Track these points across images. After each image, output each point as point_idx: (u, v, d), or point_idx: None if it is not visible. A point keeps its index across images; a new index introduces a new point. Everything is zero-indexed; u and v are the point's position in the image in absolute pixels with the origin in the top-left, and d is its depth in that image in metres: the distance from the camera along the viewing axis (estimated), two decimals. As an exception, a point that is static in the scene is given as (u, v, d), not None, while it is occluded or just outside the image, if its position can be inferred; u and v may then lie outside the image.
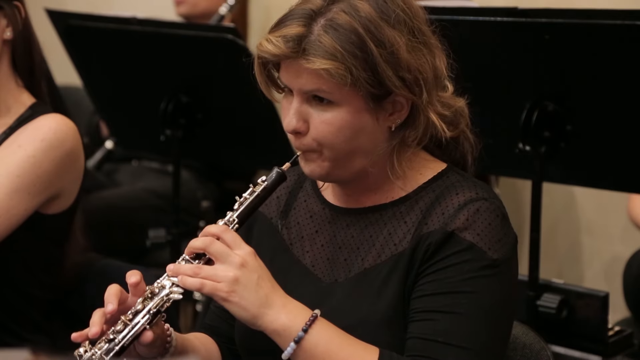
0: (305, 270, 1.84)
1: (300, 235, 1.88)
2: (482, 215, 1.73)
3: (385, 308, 1.73)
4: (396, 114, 1.77)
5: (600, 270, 4.07)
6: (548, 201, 3.03)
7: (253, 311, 1.66)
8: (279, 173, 1.79)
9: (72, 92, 4.52)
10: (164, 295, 1.71)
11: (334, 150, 1.75)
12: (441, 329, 1.68)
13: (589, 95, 2.57)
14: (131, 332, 1.69)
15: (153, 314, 1.70)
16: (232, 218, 1.76)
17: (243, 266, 1.67)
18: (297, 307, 1.69)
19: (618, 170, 2.65)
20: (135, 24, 3.23)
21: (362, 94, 1.71)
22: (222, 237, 1.70)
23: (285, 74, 1.76)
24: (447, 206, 1.75)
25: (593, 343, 2.71)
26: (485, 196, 1.76)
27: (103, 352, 1.68)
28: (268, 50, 1.73)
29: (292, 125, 1.76)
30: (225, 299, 1.66)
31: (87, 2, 4.98)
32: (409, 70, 1.72)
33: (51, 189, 2.25)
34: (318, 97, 1.73)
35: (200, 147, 3.32)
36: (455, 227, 1.72)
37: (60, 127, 2.27)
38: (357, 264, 1.80)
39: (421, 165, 1.83)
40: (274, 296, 1.68)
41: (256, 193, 1.78)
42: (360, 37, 1.69)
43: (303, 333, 1.66)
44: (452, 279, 1.70)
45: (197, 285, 1.67)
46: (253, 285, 1.66)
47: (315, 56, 1.69)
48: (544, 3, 2.76)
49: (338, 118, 1.73)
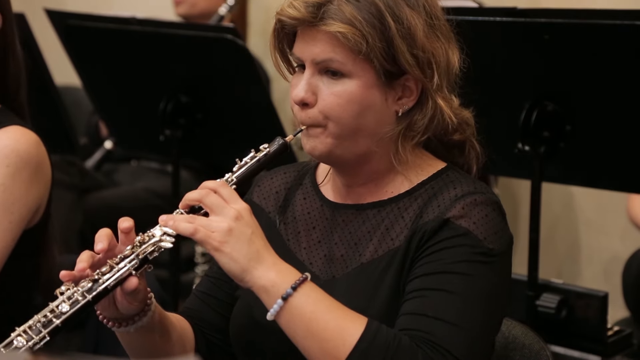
0: (302, 267, 1.83)
1: (297, 231, 1.88)
2: (479, 207, 1.73)
3: (382, 302, 1.73)
4: (405, 99, 1.78)
5: (600, 270, 4.07)
6: (547, 201, 3.03)
7: (243, 264, 1.64)
8: (282, 142, 1.79)
9: (72, 92, 4.53)
10: (153, 242, 1.69)
11: (339, 124, 1.75)
12: (431, 304, 1.67)
13: (589, 95, 2.57)
14: (116, 275, 1.67)
15: (141, 260, 1.68)
16: (231, 178, 1.75)
17: (237, 219, 1.65)
18: (288, 267, 1.68)
19: (617, 170, 2.65)
20: (135, 24, 3.23)
21: (375, 66, 1.73)
22: (219, 191, 1.69)
23: (300, 42, 1.77)
24: (444, 199, 1.76)
25: (592, 343, 2.71)
26: (484, 191, 1.77)
27: (85, 290, 1.66)
28: (288, 13, 1.75)
29: (301, 96, 1.76)
30: (217, 248, 1.64)
31: (86, 2, 4.98)
32: (423, 50, 1.74)
33: (30, 207, 2.19)
34: (330, 70, 1.75)
35: (199, 147, 3.32)
36: (451, 215, 1.72)
37: (21, 145, 2.18)
38: (354, 259, 1.80)
39: (422, 162, 1.83)
40: (266, 253, 1.67)
41: (257, 158, 1.78)
42: (379, 10, 1.72)
43: (292, 290, 1.64)
44: (446, 260, 1.70)
45: (190, 230, 1.65)
46: (246, 238, 1.65)
47: (335, 20, 1.71)
48: (543, 3, 2.76)
49: (348, 91, 1.74)
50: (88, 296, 1.66)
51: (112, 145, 4.26)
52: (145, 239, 1.71)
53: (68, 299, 1.66)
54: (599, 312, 2.70)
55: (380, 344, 1.62)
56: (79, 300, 1.66)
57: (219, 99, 3.19)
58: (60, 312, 1.66)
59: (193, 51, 3.15)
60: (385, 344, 1.62)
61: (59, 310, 1.66)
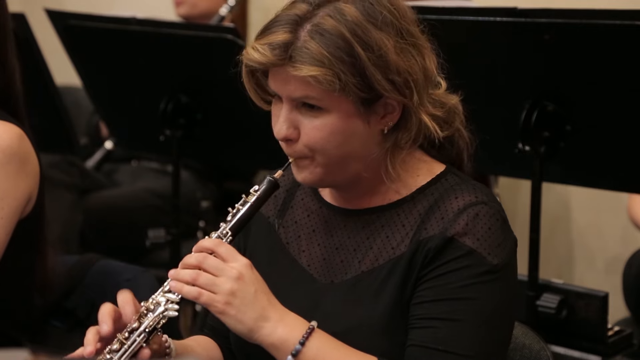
0: (301, 270, 1.83)
1: (297, 235, 1.87)
2: (482, 220, 1.72)
3: (382, 313, 1.73)
4: (388, 116, 1.74)
5: (600, 270, 4.07)
6: (547, 201, 3.03)
7: (250, 324, 1.65)
8: (271, 181, 1.77)
9: (72, 92, 4.53)
10: (159, 312, 1.69)
11: (326, 156, 1.73)
12: (441, 336, 1.67)
13: (589, 95, 2.57)
14: (128, 352, 1.68)
15: (149, 332, 1.69)
16: (225, 231, 1.74)
17: (240, 279, 1.65)
18: (294, 320, 1.68)
19: (617, 170, 2.65)
20: (135, 24, 3.23)
21: (352, 98, 1.69)
22: (216, 251, 1.68)
23: (273, 81, 1.74)
24: (447, 210, 1.74)
25: (593, 343, 2.71)
26: (485, 200, 1.75)
27: None
28: (254, 58, 1.71)
29: (283, 133, 1.74)
30: (222, 311, 1.65)
31: (86, 2, 4.98)
32: (398, 72, 1.69)
33: (20, 200, 2.18)
34: (308, 103, 1.72)
35: (199, 147, 3.31)
36: (455, 232, 1.71)
37: (3, 141, 2.16)
38: (353, 266, 1.79)
39: (417, 167, 1.82)
40: (271, 309, 1.66)
41: (249, 203, 1.76)
42: (347, 41, 1.67)
43: (300, 346, 1.65)
44: (452, 285, 1.69)
45: (194, 293, 1.65)
46: (250, 298, 1.65)
47: (302, 63, 1.67)
48: (543, 3, 2.76)
49: (328, 124, 1.71)
50: None
51: (112, 145, 4.26)
52: (150, 307, 1.70)
53: None
54: (599, 312, 2.69)
55: None
56: None
57: (219, 99, 3.18)
58: None
59: (193, 51, 3.14)
60: None
61: None
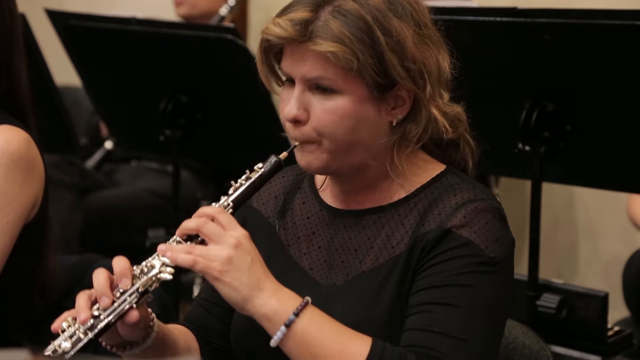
0: (303, 273, 1.83)
1: (297, 237, 1.87)
2: (480, 215, 1.72)
3: (383, 311, 1.72)
4: (398, 108, 1.76)
5: (600, 270, 4.07)
6: (548, 201, 3.03)
7: (244, 293, 1.63)
8: (276, 161, 1.76)
9: (72, 92, 4.53)
10: (153, 275, 1.67)
11: (333, 140, 1.74)
12: (436, 319, 1.66)
13: (589, 95, 2.57)
14: (117, 310, 1.66)
15: (141, 293, 1.67)
16: (227, 202, 1.73)
17: (237, 247, 1.64)
18: (289, 293, 1.66)
19: (618, 170, 2.65)
20: (135, 24, 3.23)
21: (367, 81, 1.70)
22: (217, 218, 1.67)
23: (288, 60, 1.74)
24: (445, 207, 1.74)
25: (592, 343, 2.71)
26: (484, 197, 1.75)
27: (86, 327, 1.65)
28: (275, 32, 1.71)
29: (293, 113, 1.74)
30: (217, 278, 1.63)
31: (87, 2, 4.99)
32: (414, 61, 1.72)
33: (25, 206, 2.18)
34: (320, 87, 1.72)
35: (199, 147, 3.32)
36: (452, 225, 1.71)
37: (11, 146, 2.17)
38: (355, 266, 1.79)
39: (420, 166, 1.82)
40: (266, 280, 1.65)
41: (252, 179, 1.75)
42: (367, 24, 1.69)
43: (294, 317, 1.63)
44: (448, 272, 1.69)
45: (190, 261, 1.63)
46: (246, 267, 1.63)
47: (323, 39, 1.68)
48: (543, 3, 2.76)
49: (340, 107, 1.72)
50: (90, 334, 1.65)
51: (112, 145, 4.26)
52: (144, 269, 1.69)
53: (70, 337, 1.66)
54: (599, 312, 2.69)
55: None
56: (80, 338, 1.65)
57: (219, 99, 3.19)
58: (62, 351, 1.65)
59: (193, 51, 3.15)
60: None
61: (60, 350, 1.65)
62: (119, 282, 1.68)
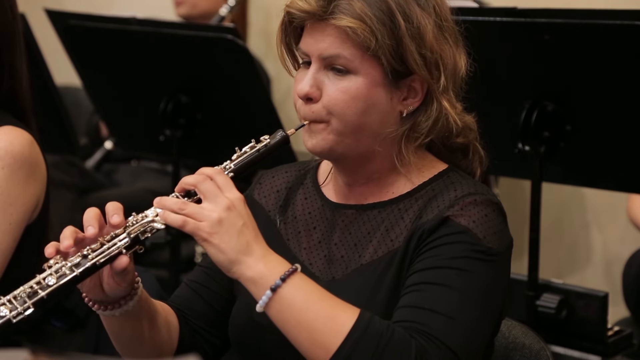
0: (302, 268, 1.83)
1: (298, 231, 1.87)
2: (479, 206, 1.73)
3: (382, 304, 1.73)
4: (410, 99, 1.77)
5: (600, 270, 4.07)
6: (548, 201, 3.03)
7: (231, 256, 1.63)
8: (284, 135, 1.77)
9: (72, 92, 4.53)
10: (145, 222, 1.68)
11: (342, 121, 1.74)
12: (428, 298, 1.66)
13: (589, 95, 2.57)
14: (106, 252, 1.66)
15: (132, 239, 1.67)
16: (229, 166, 1.74)
17: (230, 209, 1.64)
18: (278, 259, 1.66)
19: (618, 170, 2.65)
20: (135, 24, 3.23)
21: (383, 64, 1.72)
22: (215, 179, 1.67)
23: (308, 37, 1.76)
24: (444, 199, 1.75)
25: (592, 343, 2.71)
26: (484, 192, 1.76)
27: (73, 264, 1.65)
28: (299, 6, 1.74)
29: (305, 90, 1.75)
30: (206, 239, 1.63)
31: (86, 2, 4.99)
32: (431, 51, 1.74)
33: (28, 207, 2.19)
34: (336, 68, 1.74)
35: (199, 147, 3.32)
36: (451, 214, 1.72)
37: (15, 147, 2.18)
38: (354, 260, 1.80)
39: (424, 164, 1.83)
40: (255, 245, 1.65)
41: (256, 148, 1.76)
42: (390, 8, 1.72)
43: (280, 282, 1.62)
44: (444, 255, 1.69)
45: (180, 222, 1.64)
46: (236, 230, 1.63)
47: (345, 14, 1.71)
48: (543, 3, 2.76)
49: (354, 87, 1.73)
50: (76, 270, 1.65)
51: (112, 145, 4.26)
52: (138, 219, 1.69)
53: (55, 273, 1.64)
54: (599, 312, 2.70)
55: (372, 334, 1.60)
56: (66, 274, 1.64)
57: (219, 99, 3.19)
58: (46, 284, 1.64)
59: (193, 51, 3.15)
60: (378, 333, 1.60)
61: (45, 283, 1.64)
62: (109, 218, 1.68)
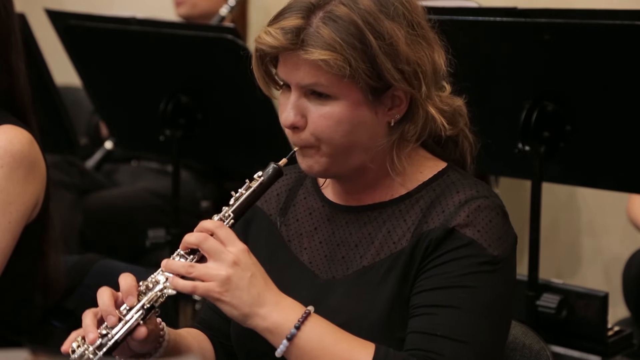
0: (302, 267, 1.84)
1: (299, 232, 1.88)
2: (483, 213, 1.73)
3: (383, 306, 1.73)
4: (395, 109, 1.76)
5: (600, 270, 4.07)
6: (548, 201, 3.03)
7: (245, 310, 1.65)
8: (275, 169, 1.77)
9: (72, 92, 4.53)
10: (157, 290, 1.69)
11: (332, 145, 1.74)
12: (439, 322, 1.67)
13: (589, 95, 2.57)
14: (124, 328, 1.67)
15: (147, 309, 1.69)
16: (228, 213, 1.74)
17: (235, 264, 1.65)
18: (290, 305, 1.67)
19: (618, 171, 2.65)
20: (135, 24, 3.23)
21: (361, 86, 1.70)
22: (216, 233, 1.68)
23: (283, 67, 1.75)
24: (448, 204, 1.75)
25: (592, 343, 2.71)
26: (486, 194, 1.76)
27: (96, 347, 1.67)
28: (267, 42, 1.72)
29: (290, 120, 1.75)
30: (218, 299, 1.65)
31: (86, 2, 4.98)
32: (407, 62, 1.71)
33: (27, 205, 2.19)
34: (316, 92, 1.73)
35: (199, 147, 3.32)
36: (456, 224, 1.72)
37: (14, 146, 2.17)
38: (355, 261, 1.80)
39: (421, 163, 1.83)
40: (267, 294, 1.66)
41: (252, 188, 1.76)
42: (359, 29, 1.69)
43: (295, 330, 1.64)
44: (452, 273, 1.70)
45: (190, 288, 1.66)
46: (245, 284, 1.65)
47: (314, 47, 1.68)
48: (543, 3, 2.76)
49: (337, 112, 1.72)
50: (99, 353, 1.67)
51: (112, 145, 4.26)
52: (149, 285, 1.71)
53: (80, 357, 1.67)
54: (599, 312, 2.69)
55: None
56: (90, 358, 1.67)
57: (219, 99, 3.19)
58: None
59: (193, 51, 3.15)
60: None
61: None
62: (124, 300, 1.70)
